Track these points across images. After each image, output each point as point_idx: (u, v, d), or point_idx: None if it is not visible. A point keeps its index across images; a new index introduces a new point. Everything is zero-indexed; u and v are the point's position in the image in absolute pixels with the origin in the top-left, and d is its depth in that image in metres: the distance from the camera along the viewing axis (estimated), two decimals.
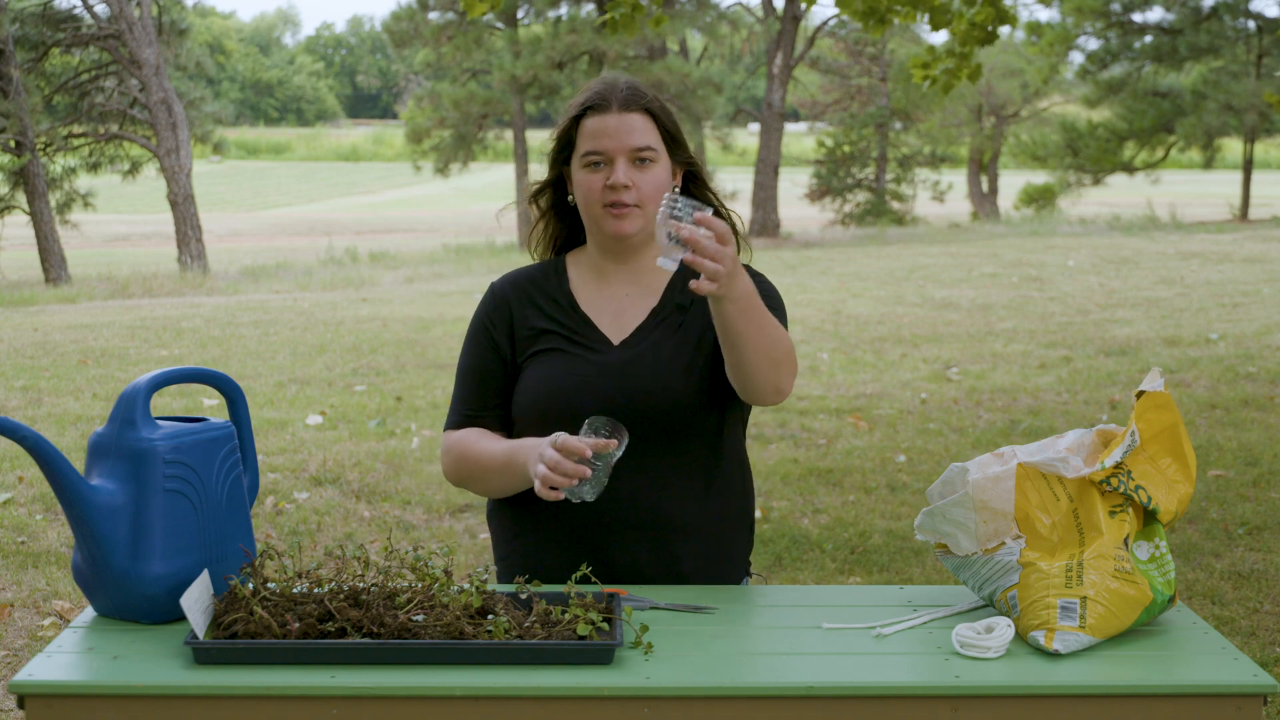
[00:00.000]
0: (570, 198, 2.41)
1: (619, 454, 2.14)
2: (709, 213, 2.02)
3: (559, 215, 2.47)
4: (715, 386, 2.34)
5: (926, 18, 8.09)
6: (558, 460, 2.10)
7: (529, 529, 2.37)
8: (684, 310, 2.38)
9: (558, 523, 2.33)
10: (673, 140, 2.36)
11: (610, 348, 2.36)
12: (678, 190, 2.39)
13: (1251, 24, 27.87)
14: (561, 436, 2.12)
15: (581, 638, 1.91)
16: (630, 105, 2.32)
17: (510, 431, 2.41)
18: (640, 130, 2.31)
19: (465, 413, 2.41)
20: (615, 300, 2.40)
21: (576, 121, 2.35)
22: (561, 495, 2.12)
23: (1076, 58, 29.92)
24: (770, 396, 2.23)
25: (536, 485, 2.13)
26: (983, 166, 32.82)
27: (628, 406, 2.29)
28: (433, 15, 24.60)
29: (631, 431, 2.24)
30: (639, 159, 2.31)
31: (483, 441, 2.35)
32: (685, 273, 2.36)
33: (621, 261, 2.40)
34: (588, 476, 2.11)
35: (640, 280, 2.41)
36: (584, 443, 2.10)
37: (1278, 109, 9.43)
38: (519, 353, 2.39)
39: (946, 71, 8.35)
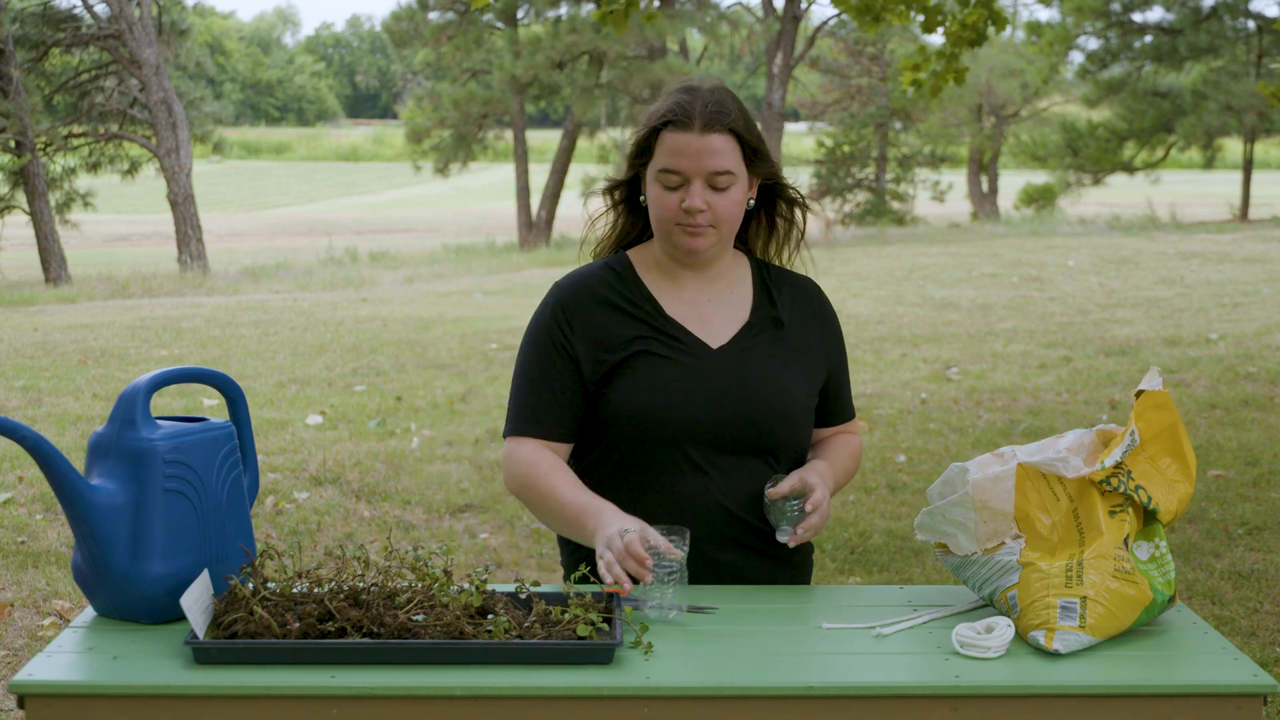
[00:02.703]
0: (642, 198, 2.37)
1: (684, 553, 2.11)
2: (817, 494, 2.24)
3: (631, 211, 2.44)
4: (813, 408, 2.41)
5: (921, 19, 8.07)
6: (615, 561, 2.08)
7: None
8: (780, 325, 2.38)
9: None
10: (754, 154, 2.31)
11: (709, 351, 2.33)
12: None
13: (1251, 24, 27.86)
14: (630, 535, 2.08)
15: (581, 638, 1.91)
16: (712, 125, 2.26)
17: (580, 440, 2.37)
18: (720, 153, 2.26)
19: (531, 421, 2.34)
20: (697, 306, 2.37)
21: (656, 132, 2.30)
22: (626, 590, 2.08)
23: (1076, 58, 29.93)
24: None
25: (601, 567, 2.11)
26: (983, 166, 32.80)
27: (737, 406, 2.29)
28: (433, 15, 24.60)
29: (743, 434, 2.29)
30: (716, 183, 2.27)
31: (555, 478, 2.28)
32: (769, 289, 2.41)
33: (694, 269, 2.38)
34: (647, 582, 2.06)
35: (715, 285, 2.39)
36: (649, 548, 2.07)
37: (1270, 101, 9.41)
38: (601, 364, 2.32)
39: (934, 74, 8.32)
